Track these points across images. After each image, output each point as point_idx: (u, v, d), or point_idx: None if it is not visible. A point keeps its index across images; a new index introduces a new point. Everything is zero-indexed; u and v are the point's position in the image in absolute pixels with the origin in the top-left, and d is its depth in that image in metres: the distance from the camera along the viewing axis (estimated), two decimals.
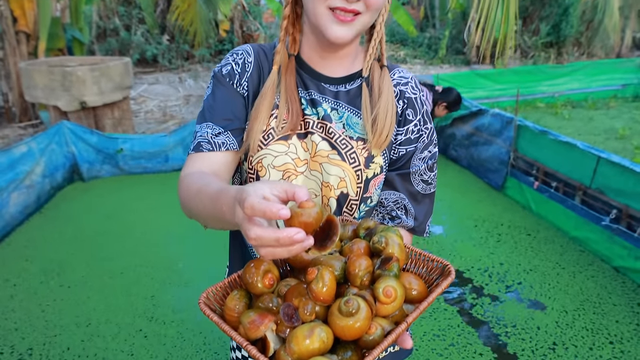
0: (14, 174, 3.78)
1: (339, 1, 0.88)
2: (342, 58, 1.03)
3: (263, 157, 1.00)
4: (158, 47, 10.79)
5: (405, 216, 1.07)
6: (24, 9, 6.36)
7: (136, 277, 3.17)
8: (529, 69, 8.48)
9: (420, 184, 1.08)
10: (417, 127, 1.05)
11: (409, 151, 1.06)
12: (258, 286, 0.76)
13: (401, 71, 1.09)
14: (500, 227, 3.88)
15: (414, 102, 1.06)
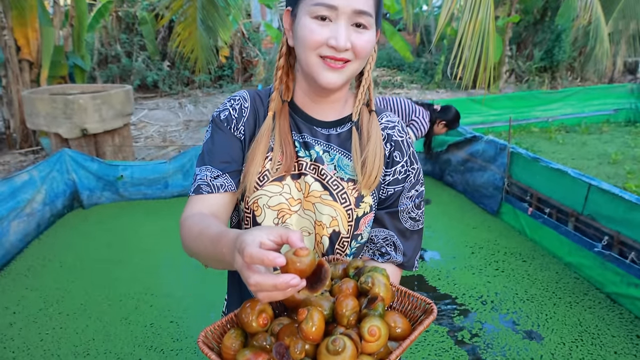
0: (15, 203, 3.84)
1: (329, 50, 0.95)
2: (333, 102, 1.10)
3: (259, 197, 1.05)
4: (159, 73, 10.94)
5: (394, 252, 1.12)
6: (28, 38, 6.49)
7: (135, 305, 3.20)
8: (523, 94, 8.62)
9: (408, 221, 1.13)
10: (404, 168, 1.12)
11: (396, 191, 1.11)
12: (253, 325, 0.81)
13: (388, 115, 1.15)
14: (497, 254, 3.90)
15: (401, 145, 1.12)
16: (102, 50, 11.14)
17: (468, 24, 3.22)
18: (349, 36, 0.95)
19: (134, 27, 11.20)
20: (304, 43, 0.97)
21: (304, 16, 0.97)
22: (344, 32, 0.94)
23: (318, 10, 0.94)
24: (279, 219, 1.06)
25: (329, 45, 0.95)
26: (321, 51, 0.96)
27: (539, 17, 11.72)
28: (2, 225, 3.66)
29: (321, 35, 0.95)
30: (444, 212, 4.78)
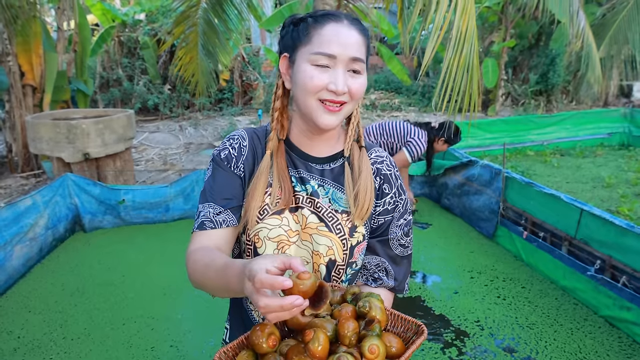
0: (18, 228, 3.91)
1: (328, 94, 1.05)
2: (327, 140, 1.20)
3: (259, 230, 1.13)
4: (159, 97, 11.07)
5: (386, 277, 1.21)
6: (32, 63, 6.62)
7: (137, 329, 3.25)
8: (519, 118, 8.76)
9: (398, 248, 1.22)
10: (393, 199, 1.21)
11: (386, 220, 1.21)
12: (263, 346, 0.89)
13: (377, 150, 1.25)
14: (496, 280, 3.91)
15: (390, 178, 1.22)
16: (103, 74, 11.29)
17: (453, 59, 3.34)
18: (346, 81, 1.05)
19: (136, 52, 11.37)
20: (304, 87, 1.06)
21: (304, 63, 1.06)
22: (342, 77, 1.04)
23: (318, 59, 1.04)
24: (279, 250, 1.14)
25: (328, 89, 1.04)
26: (321, 95, 1.05)
27: (534, 41, 11.92)
28: (6, 250, 3.72)
29: (322, 81, 1.04)
30: (442, 235, 4.85)
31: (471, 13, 3.40)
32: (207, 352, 3.01)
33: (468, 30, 3.39)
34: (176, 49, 6.88)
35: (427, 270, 4.15)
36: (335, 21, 1.07)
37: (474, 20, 3.47)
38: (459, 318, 3.39)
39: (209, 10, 6.24)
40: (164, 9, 11.16)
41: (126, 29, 11.33)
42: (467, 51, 3.39)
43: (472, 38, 3.42)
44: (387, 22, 10.25)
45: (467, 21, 3.37)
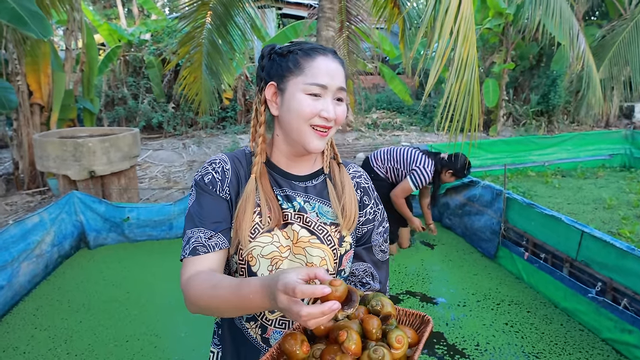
0: (25, 245, 3.96)
1: (320, 120, 1.16)
2: (308, 160, 1.29)
3: (253, 249, 1.18)
4: (164, 115, 11.19)
5: (372, 281, 1.32)
6: (40, 83, 6.74)
7: (141, 346, 3.29)
8: (520, 139, 8.82)
9: (379, 254, 1.35)
10: (372, 209, 1.34)
11: (369, 229, 1.33)
12: (298, 353, 0.96)
13: (354, 166, 1.38)
14: (502, 304, 3.84)
15: (368, 190, 1.35)
16: (109, 92, 11.44)
17: (454, 85, 3.44)
18: (335, 109, 1.17)
19: (141, 71, 11.53)
20: (298, 114, 1.15)
21: (298, 92, 1.16)
22: (332, 106, 1.16)
23: (312, 88, 1.15)
24: (272, 266, 1.19)
25: (321, 116, 1.15)
26: (313, 121, 1.16)
27: (534, 62, 12.03)
28: (13, 267, 3.77)
29: (316, 108, 1.15)
30: (444, 255, 4.85)
31: (472, 41, 3.50)
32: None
33: (469, 57, 3.49)
34: (181, 69, 6.99)
35: (430, 292, 4.16)
36: (323, 54, 1.18)
37: (474, 48, 3.57)
38: (464, 342, 3.35)
39: (213, 31, 6.36)
40: (169, 29, 11.36)
41: (132, 49, 11.50)
42: (468, 77, 3.49)
43: (473, 64, 3.52)
44: (389, 42, 10.41)
45: (468, 49, 3.47)
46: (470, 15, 3.45)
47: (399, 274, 4.46)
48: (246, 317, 1.26)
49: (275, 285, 0.87)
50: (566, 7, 5.44)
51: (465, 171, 4.61)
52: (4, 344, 3.30)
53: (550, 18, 5.19)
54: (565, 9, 5.39)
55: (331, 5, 5.54)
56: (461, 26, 3.38)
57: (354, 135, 11.23)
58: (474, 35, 3.51)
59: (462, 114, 3.57)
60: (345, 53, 7.80)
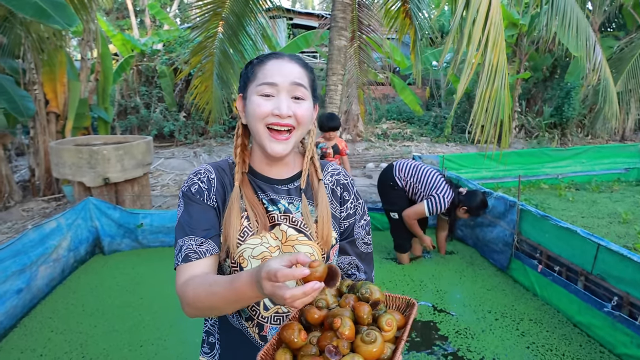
0: (43, 249, 4.03)
1: (274, 118, 1.18)
2: (285, 164, 1.33)
3: (243, 250, 1.24)
4: (175, 124, 11.31)
5: (358, 272, 1.39)
6: (56, 92, 6.85)
7: (155, 351, 3.32)
8: (533, 151, 8.76)
9: (363, 246, 1.40)
10: (352, 204, 1.39)
11: (350, 223, 1.38)
12: (296, 341, 1.02)
13: (332, 165, 1.42)
14: (521, 323, 3.71)
15: (347, 186, 1.39)
16: (122, 101, 11.58)
17: (485, 91, 3.46)
18: (290, 106, 1.19)
19: (153, 80, 11.68)
20: (253, 115, 1.20)
21: (252, 95, 1.21)
22: (285, 102, 1.18)
23: (263, 88, 1.19)
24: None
25: (273, 114, 1.18)
26: (267, 120, 1.19)
27: (548, 74, 11.99)
28: (32, 270, 3.83)
29: (267, 107, 1.18)
30: (457, 269, 4.80)
31: (501, 47, 3.52)
32: None
33: (499, 63, 3.51)
34: (192, 78, 7.08)
35: (441, 304, 4.16)
36: (276, 58, 1.23)
37: (504, 54, 3.59)
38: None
39: (225, 41, 6.45)
40: (181, 39, 11.50)
41: (144, 59, 11.66)
42: (499, 83, 3.50)
43: (503, 71, 3.54)
44: (400, 53, 10.47)
45: (498, 55, 3.49)
46: (499, 20, 3.47)
47: (408, 284, 4.45)
48: (245, 317, 1.30)
49: (260, 274, 0.93)
50: (582, 18, 5.44)
51: (481, 211, 4.52)
52: (22, 346, 3.35)
53: (566, 29, 5.18)
54: (581, 20, 5.39)
55: (344, 15, 5.60)
56: (490, 32, 3.40)
57: (363, 145, 11.27)
58: (503, 41, 3.53)
59: (492, 121, 3.58)
60: (356, 62, 7.87)
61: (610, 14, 11.64)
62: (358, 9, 6.99)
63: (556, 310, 3.92)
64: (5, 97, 5.98)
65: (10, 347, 3.35)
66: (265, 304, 1.28)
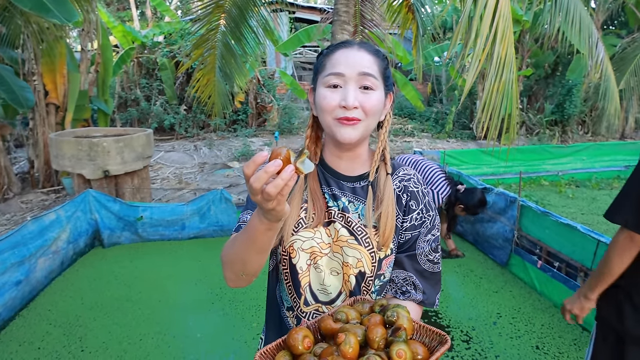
0: (42, 241, 4.00)
1: (341, 112, 1.13)
2: (355, 158, 1.27)
3: (294, 241, 1.21)
4: (175, 117, 11.25)
5: (414, 291, 1.25)
6: (56, 83, 6.80)
7: (154, 345, 3.29)
8: (534, 148, 8.77)
9: (426, 264, 1.26)
10: (419, 215, 1.26)
11: (413, 235, 1.25)
12: (299, 348, 0.97)
13: (405, 169, 1.31)
14: (539, 331, 3.57)
15: (417, 195, 1.27)
16: (122, 94, 11.53)
17: (493, 84, 3.42)
18: (357, 97, 1.13)
19: (154, 73, 11.62)
20: (321, 107, 1.16)
21: (320, 87, 1.17)
22: (352, 93, 1.13)
23: (330, 79, 1.15)
24: (311, 260, 1.22)
25: (340, 105, 1.13)
26: (336, 114, 1.14)
27: (550, 71, 11.96)
28: (30, 262, 3.81)
29: (334, 100, 1.14)
30: (457, 266, 4.79)
31: (510, 40, 3.48)
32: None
33: (507, 56, 3.47)
34: (194, 71, 7.04)
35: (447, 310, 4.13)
36: (345, 47, 1.18)
37: (512, 47, 3.55)
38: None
39: (227, 33, 6.39)
40: (182, 32, 11.43)
41: (145, 51, 11.60)
42: (507, 77, 3.46)
43: (511, 64, 3.50)
44: (402, 48, 10.41)
45: (507, 48, 3.45)
46: (508, 13, 3.43)
47: None
48: (286, 306, 1.29)
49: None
50: (586, 15, 5.40)
51: (479, 209, 4.45)
52: (19, 338, 3.33)
53: (569, 25, 5.15)
54: (585, 17, 5.35)
55: (346, 8, 5.55)
56: (499, 25, 3.36)
57: None
58: (512, 34, 3.49)
59: (499, 115, 3.54)
60: None
61: (613, 11, 11.60)
62: (360, 3, 6.93)
63: (554, 305, 3.93)
64: (4, 87, 5.94)
65: (9, 339, 3.33)
66: (307, 299, 1.24)
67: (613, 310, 1.93)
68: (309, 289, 1.23)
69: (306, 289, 1.23)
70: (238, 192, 7.17)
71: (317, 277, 1.23)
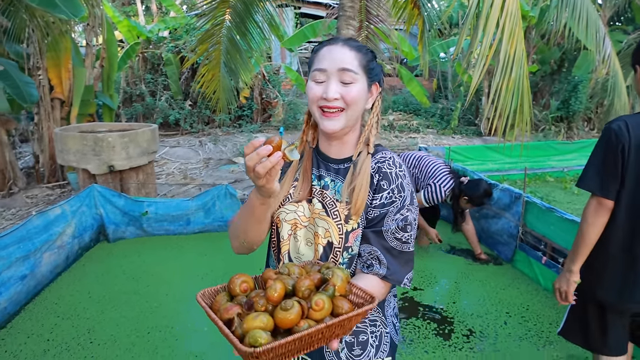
0: (48, 235, 4.01)
1: (323, 102, 1.28)
2: (343, 144, 1.40)
3: (280, 213, 1.38)
4: (180, 112, 11.25)
5: (378, 265, 1.30)
6: (61, 78, 6.81)
7: (162, 338, 3.30)
8: (539, 144, 8.73)
9: (394, 241, 1.31)
10: (389, 195, 1.32)
11: (381, 213, 1.32)
12: (236, 290, 1.10)
13: (384, 153, 1.39)
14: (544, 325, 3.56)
15: (389, 175, 1.34)
16: (127, 89, 11.52)
17: (502, 81, 3.40)
18: (338, 90, 1.27)
19: (159, 68, 11.61)
20: (309, 99, 1.33)
21: (309, 81, 1.33)
22: (333, 87, 1.27)
23: (315, 74, 1.30)
24: (292, 231, 1.37)
25: (322, 97, 1.28)
26: (320, 103, 1.29)
27: (556, 67, 11.91)
28: (36, 257, 3.82)
29: (318, 92, 1.29)
30: (462, 260, 4.79)
31: (519, 37, 3.47)
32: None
33: (516, 53, 3.45)
34: (199, 66, 7.02)
35: (451, 299, 4.13)
36: (330, 44, 1.32)
37: (522, 44, 3.53)
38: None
39: (232, 28, 6.38)
40: (187, 27, 11.41)
41: (150, 46, 11.59)
42: (517, 73, 3.44)
43: (522, 61, 3.48)
44: (407, 44, 10.39)
45: (515, 45, 3.43)
46: (516, 10, 3.41)
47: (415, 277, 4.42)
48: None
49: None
50: (592, 11, 5.37)
51: (484, 200, 4.35)
52: (27, 330, 3.35)
53: (576, 21, 5.11)
54: (592, 13, 5.32)
55: (352, 4, 5.53)
56: (507, 22, 3.35)
57: None
58: (520, 31, 3.47)
59: (509, 111, 3.52)
60: None
61: (619, 7, 11.52)
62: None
63: (549, 292, 3.93)
64: (9, 82, 5.94)
65: (17, 331, 3.35)
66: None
67: (593, 279, 2.09)
68: (287, 256, 1.38)
69: (285, 256, 1.37)
70: (243, 187, 7.18)
71: (295, 246, 1.37)
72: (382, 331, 1.41)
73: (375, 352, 1.38)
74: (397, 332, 1.50)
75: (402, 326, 3.49)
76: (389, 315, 1.45)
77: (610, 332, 2.05)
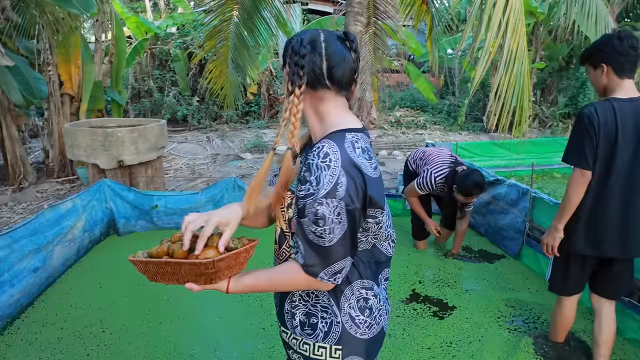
0: (59, 229, 4.07)
1: None
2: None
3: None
4: (188, 108, 11.30)
5: (298, 253, 1.33)
6: (70, 74, 6.87)
7: (173, 328, 3.35)
8: (546, 140, 8.71)
9: (310, 234, 1.28)
10: (310, 186, 1.27)
11: (302, 204, 1.30)
12: (155, 253, 1.43)
13: (324, 143, 1.32)
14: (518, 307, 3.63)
15: (310, 166, 1.30)
16: (135, 85, 11.59)
17: (503, 77, 3.42)
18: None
19: (167, 64, 11.67)
20: None
21: None
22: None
23: None
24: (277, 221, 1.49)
25: None
26: None
27: (564, 64, 11.86)
28: (47, 250, 3.87)
29: None
30: (468, 255, 4.81)
31: (522, 33, 3.48)
32: (245, 355, 3.08)
33: (519, 49, 3.47)
34: (207, 62, 7.05)
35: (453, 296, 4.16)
36: None
37: (524, 40, 3.54)
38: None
39: (240, 25, 6.40)
40: (195, 23, 11.45)
41: (158, 42, 11.64)
42: (518, 70, 3.46)
43: (523, 57, 3.50)
44: (415, 40, 10.39)
45: (518, 41, 3.45)
46: (519, 6, 3.43)
47: (416, 274, 4.38)
48: None
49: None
50: (602, 7, 5.36)
51: (474, 190, 4.13)
52: (42, 320, 3.43)
53: (585, 17, 5.10)
54: (601, 9, 5.31)
55: (360, 0, 5.55)
56: (510, 18, 3.36)
57: (376, 133, 11.23)
58: (523, 27, 3.49)
59: (510, 108, 3.54)
60: (371, 49, 7.79)
61: (628, 3, 11.45)
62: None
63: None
64: (19, 78, 6.01)
65: (32, 320, 3.42)
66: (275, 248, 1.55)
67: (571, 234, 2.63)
68: (274, 241, 1.52)
69: (274, 241, 1.51)
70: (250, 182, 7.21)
71: (275, 233, 1.51)
72: (333, 320, 1.40)
73: (323, 337, 1.41)
74: (361, 327, 1.44)
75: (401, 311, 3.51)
76: (344, 307, 1.41)
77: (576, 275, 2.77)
